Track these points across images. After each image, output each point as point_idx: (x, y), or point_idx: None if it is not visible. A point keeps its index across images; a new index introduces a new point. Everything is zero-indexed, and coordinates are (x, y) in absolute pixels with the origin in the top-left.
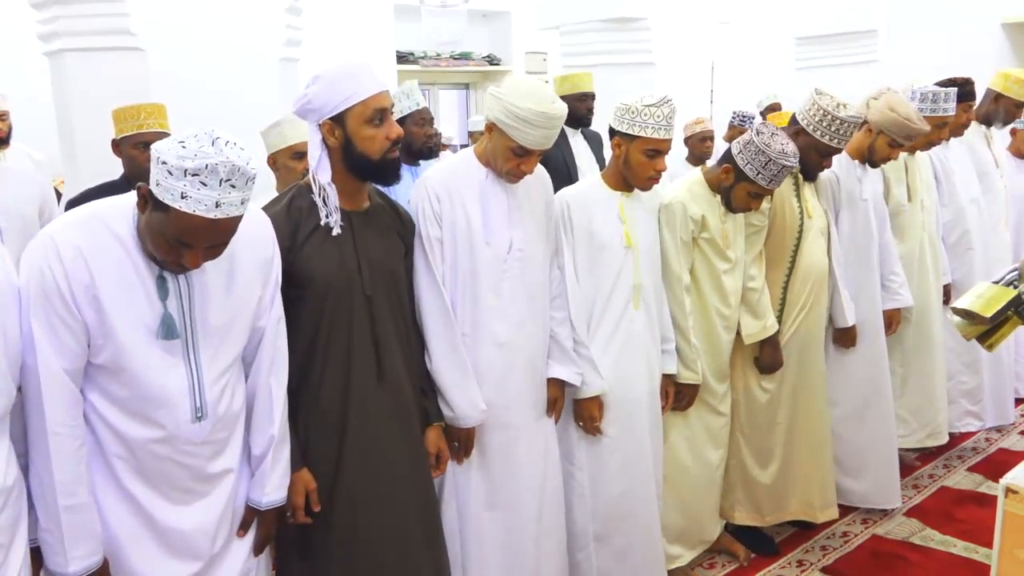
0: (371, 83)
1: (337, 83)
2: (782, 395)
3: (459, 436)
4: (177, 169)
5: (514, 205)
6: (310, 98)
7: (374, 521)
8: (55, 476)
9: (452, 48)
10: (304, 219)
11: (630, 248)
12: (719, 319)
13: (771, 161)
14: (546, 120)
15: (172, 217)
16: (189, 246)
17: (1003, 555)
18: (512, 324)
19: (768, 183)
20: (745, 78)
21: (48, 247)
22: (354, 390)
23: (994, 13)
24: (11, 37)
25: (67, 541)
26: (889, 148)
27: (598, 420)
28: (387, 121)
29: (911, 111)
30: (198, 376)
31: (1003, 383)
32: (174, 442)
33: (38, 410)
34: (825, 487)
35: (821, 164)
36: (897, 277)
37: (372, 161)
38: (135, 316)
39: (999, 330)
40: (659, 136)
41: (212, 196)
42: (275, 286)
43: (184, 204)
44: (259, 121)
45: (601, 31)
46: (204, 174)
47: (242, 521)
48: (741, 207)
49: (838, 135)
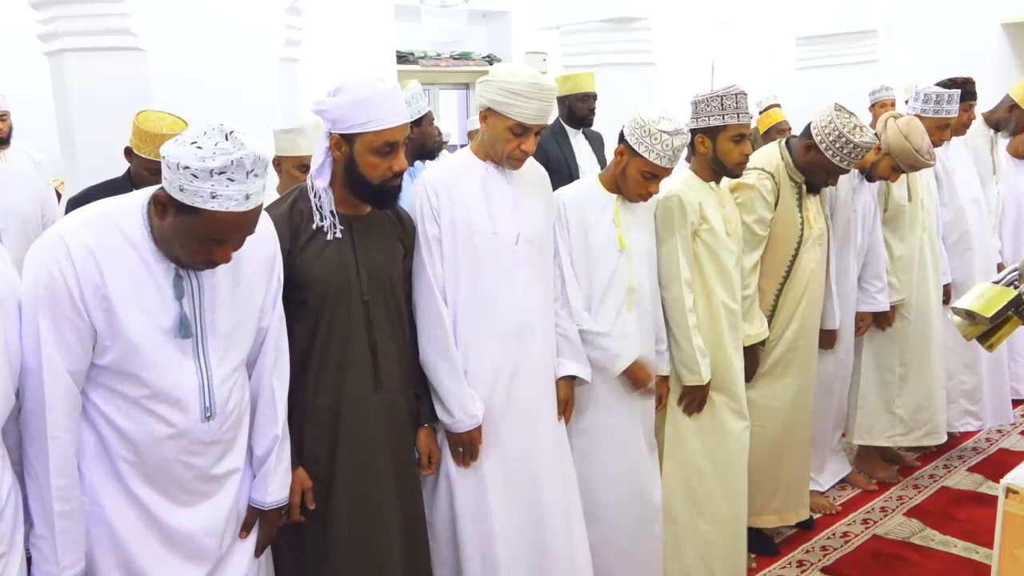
0: (390, 115)
1: (357, 105)
2: (768, 399)
3: (461, 441)
4: (202, 171)
5: (519, 197)
6: (327, 108)
7: (363, 523)
8: (52, 481)
9: (452, 48)
10: (305, 223)
11: (624, 251)
12: (726, 315)
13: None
14: (539, 91)
15: (203, 218)
16: (222, 242)
17: (1003, 555)
18: (525, 316)
19: (738, 118)
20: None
21: (58, 247)
22: (349, 394)
23: (994, 13)
24: (11, 37)
25: (59, 548)
26: (891, 171)
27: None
28: (396, 154)
29: (924, 144)
30: (208, 375)
31: (1001, 383)
32: (182, 441)
33: (39, 414)
34: (794, 492)
35: (826, 182)
36: (879, 282)
37: (371, 185)
38: (147, 315)
39: (999, 330)
40: (661, 164)
41: (242, 190)
42: (278, 285)
43: (216, 203)
44: (259, 121)
45: (601, 31)
46: (231, 170)
47: (244, 522)
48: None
49: (849, 157)
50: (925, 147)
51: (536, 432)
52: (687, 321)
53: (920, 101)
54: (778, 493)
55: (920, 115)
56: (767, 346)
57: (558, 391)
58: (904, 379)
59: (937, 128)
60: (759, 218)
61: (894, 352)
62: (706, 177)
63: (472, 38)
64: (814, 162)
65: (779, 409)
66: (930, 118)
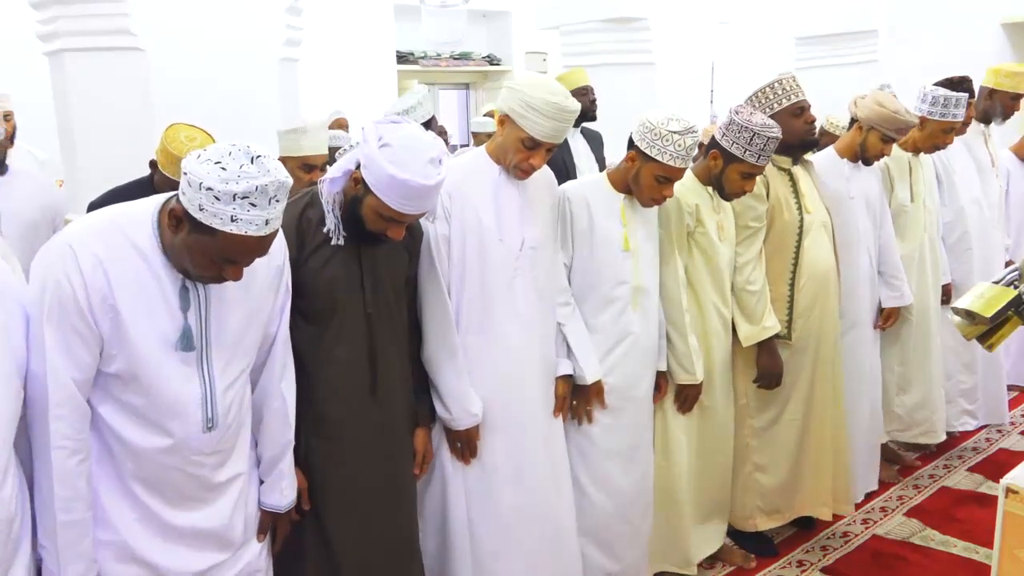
0: (416, 207)
1: (394, 181)
2: (794, 393)
3: (459, 437)
4: (225, 194)
5: (526, 203)
6: (370, 157)
7: (356, 526)
8: (55, 491)
9: (452, 48)
10: (313, 230)
11: (628, 252)
12: (716, 316)
13: (756, 135)
14: (557, 111)
15: (220, 239)
16: (235, 263)
17: (1003, 555)
18: (523, 323)
19: (757, 159)
20: (745, 78)
21: (67, 256)
22: (345, 402)
23: (994, 13)
24: (11, 37)
25: (61, 559)
26: (882, 143)
27: (600, 405)
28: (398, 227)
29: (898, 105)
30: (211, 386)
31: (997, 382)
32: (183, 452)
33: (43, 422)
34: (838, 483)
35: (811, 134)
36: (900, 274)
37: (365, 227)
38: (153, 326)
39: (999, 330)
40: (675, 165)
41: (262, 215)
42: (285, 293)
43: (235, 227)
44: (259, 121)
45: (601, 31)
46: (254, 196)
47: (260, 524)
48: (735, 191)
49: (780, 96)
50: (901, 108)
51: (534, 434)
52: (683, 319)
53: (927, 103)
54: (822, 485)
55: (926, 117)
56: (793, 338)
57: (556, 389)
58: (904, 378)
59: (941, 132)
60: (752, 208)
61: (894, 352)
62: (705, 181)
63: (472, 38)
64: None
65: (805, 402)
66: (935, 121)
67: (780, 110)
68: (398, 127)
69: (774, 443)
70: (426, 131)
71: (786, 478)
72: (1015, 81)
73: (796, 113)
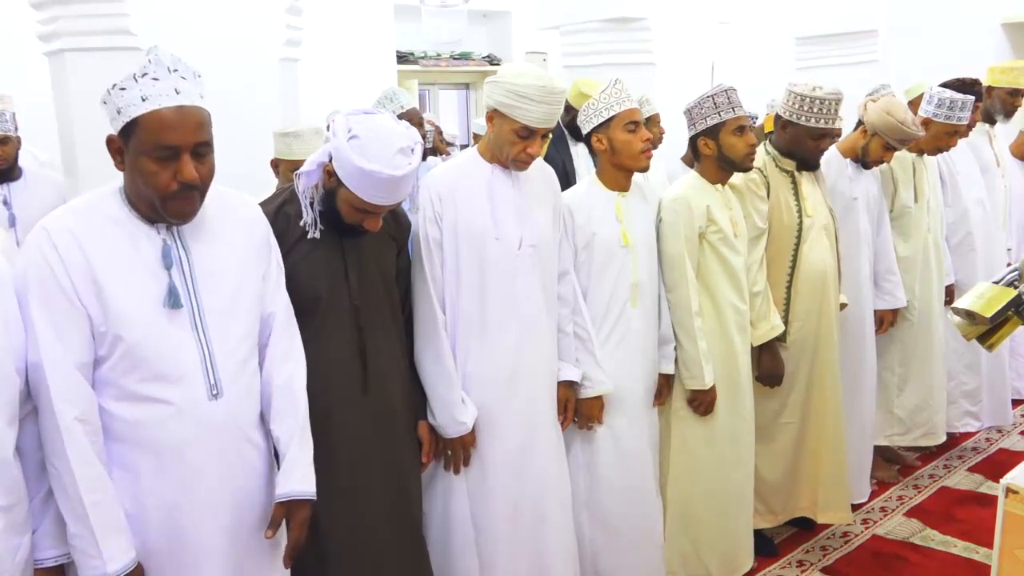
0: (382, 198)
1: (360, 173)
2: (792, 395)
3: (451, 445)
4: (127, 79)
5: (522, 200)
6: (339, 149)
7: (353, 525)
8: (75, 472)
9: (452, 48)
10: (292, 225)
11: (628, 247)
12: (734, 316)
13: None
14: (546, 94)
15: (146, 129)
16: (176, 150)
17: (1003, 555)
18: (525, 322)
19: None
20: (745, 78)
21: (42, 237)
22: (336, 399)
23: (994, 13)
24: (11, 37)
25: (99, 536)
26: (883, 151)
27: (596, 420)
28: (376, 217)
29: (907, 116)
30: (209, 350)
31: (1002, 384)
32: (187, 420)
33: (48, 406)
34: (833, 488)
35: (818, 148)
36: (894, 277)
37: (342, 219)
38: (139, 290)
39: (999, 330)
40: (628, 107)
41: (169, 84)
42: (278, 271)
43: (149, 104)
44: (259, 121)
45: (601, 31)
46: (151, 69)
47: (272, 519)
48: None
49: (822, 114)
50: (909, 119)
51: (534, 435)
52: (693, 324)
53: (933, 105)
54: (819, 489)
55: (931, 119)
56: (788, 340)
57: (558, 394)
58: (904, 379)
59: (946, 134)
60: (756, 210)
61: (895, 352)
62: (712, 179)
63: (472, 38)
64: (796, 136)
65: (803, 405)
66: (940, 123)
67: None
68: (367, 118)
69: (771, 445)
70: (399, 122)
71: (782, 479)
72: (1010, 76)
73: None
